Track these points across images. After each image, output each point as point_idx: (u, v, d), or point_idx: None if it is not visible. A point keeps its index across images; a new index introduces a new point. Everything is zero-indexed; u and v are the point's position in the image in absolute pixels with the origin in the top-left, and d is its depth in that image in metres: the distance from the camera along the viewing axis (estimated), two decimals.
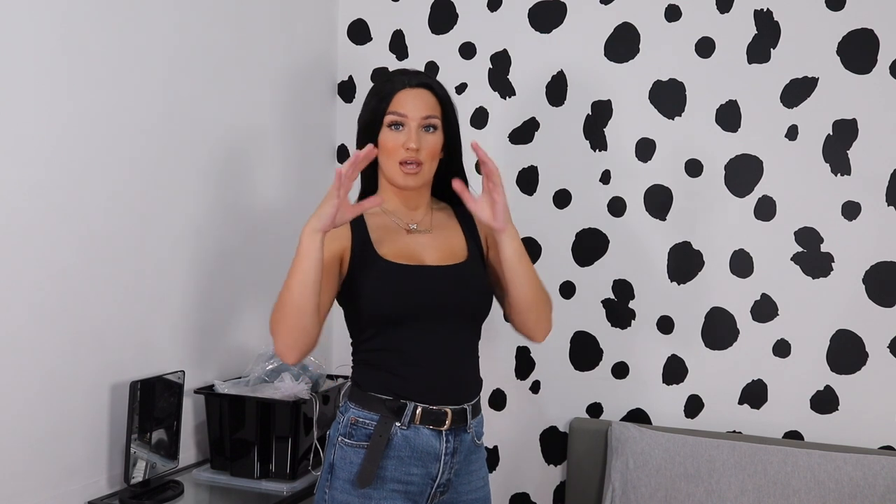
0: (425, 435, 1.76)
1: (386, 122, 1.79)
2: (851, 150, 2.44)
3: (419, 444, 1.76)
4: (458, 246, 1.87)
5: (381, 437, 1.73)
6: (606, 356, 2.69)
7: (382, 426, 1.74)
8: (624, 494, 2.44)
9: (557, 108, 2.72)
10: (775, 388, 2.53)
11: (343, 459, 1.76)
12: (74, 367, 1.99)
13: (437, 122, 1.82)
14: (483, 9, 2.79)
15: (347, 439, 1.77)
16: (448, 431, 1.78)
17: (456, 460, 1.81)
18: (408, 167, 1.78)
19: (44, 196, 1.90)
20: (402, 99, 1.80)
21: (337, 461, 1.76)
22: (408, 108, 1.79)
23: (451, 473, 1.81)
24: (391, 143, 1.79)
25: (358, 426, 1.76)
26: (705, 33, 2.56)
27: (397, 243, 1.81)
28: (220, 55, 2.43)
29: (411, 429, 1.75)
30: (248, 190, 2.58)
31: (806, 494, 2.31)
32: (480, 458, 1.90)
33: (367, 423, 1.76)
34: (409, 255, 1.80)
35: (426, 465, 1.77)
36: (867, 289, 2.44)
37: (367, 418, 1.76)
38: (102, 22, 2.03)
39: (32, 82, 1.86)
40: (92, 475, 2.06)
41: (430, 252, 1.83)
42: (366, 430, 1.75)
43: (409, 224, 1.85)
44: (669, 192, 2.61)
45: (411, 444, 1.75)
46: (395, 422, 1.75)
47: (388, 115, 1.79)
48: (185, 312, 2.34)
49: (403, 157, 1.78)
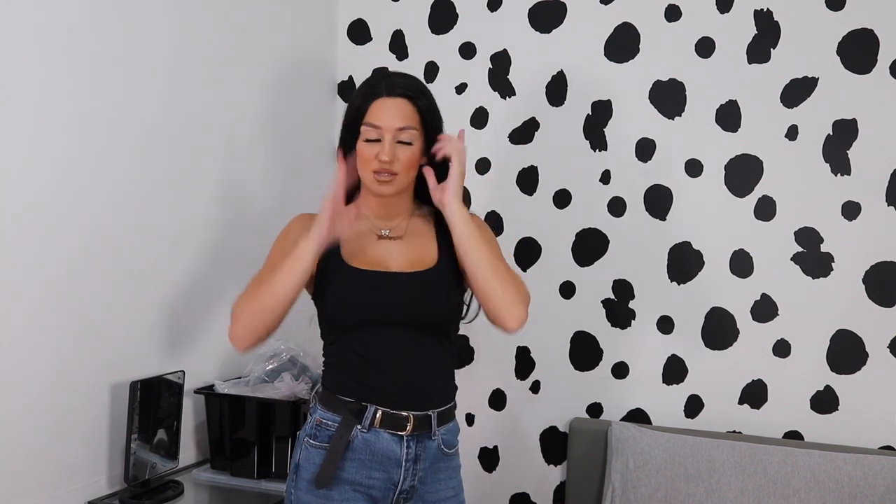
0: (385, 439, 1.75)
1: (362, 134, 1.78)
2: (851, 150, 2.44)
3: (379, 447, 1.75)
4: (429, 253, 1.84)
5: (341, 438, 1.74)
6: (606, 356, 2.69)
7: (343, 428, 1.75)
8: (624, 494, 2.44)
9: (557, 108, 2.72)
10: (775, 388, 2.53)
11: (307, 460, 1.78)
12: (74, 367, 1.99)
13: (414, 132, 1.79)
14: (483, 9, 2.79)
15: (312, 440, 1.78)
16: (409, 437, 1.76)
17: (420, 467, 1.78)
18: (381, 176, 1.77)
19: (44, 197, 1.90)
20: (378, 110, 1.78)
21: (302, 461, 1.78)
22: (383, 120, 1.77)
23: (414, 480, 1.78)
24: (366, 153, 1.78)
25: (322, 427, 1.78)
26: (705, 33, 2.56)
27: (364, 248, 1.81)
28: (221, 55, 2.43)
29: (371, 432, 1.75)
30: (248, 190, 2.58)
31: (806, 494, 2.31)
32: (451, 468, 1.86)
33: (330, 425, 1.77)
34: (374, 260, 1.80)
35: (387, 470, 1.76)
36: (867, 289, 2.44)
37: (330, 420, 1.77)
38: (103, 22, 2.02)
39: (32, 84, 1.86)
40: (92, 475, 2.06)
41: (396, 258, 1.82)
42: (328, 431, 1.77)
43: (381, 230, 1.84)
44: (669, 192, 2.61)
45: (371, 448, 1.75)
46: (357, 424, 1.75)
47: (363, 126, 1.78)
48: (185, 312, 2.34)
49: (377, 167, 1.77)
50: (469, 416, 2.83)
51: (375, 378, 1.76)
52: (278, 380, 2.34)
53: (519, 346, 2.77)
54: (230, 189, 2.48)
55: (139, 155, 2.16)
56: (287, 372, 2.37)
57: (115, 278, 2.10)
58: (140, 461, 2.09)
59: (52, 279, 1.92)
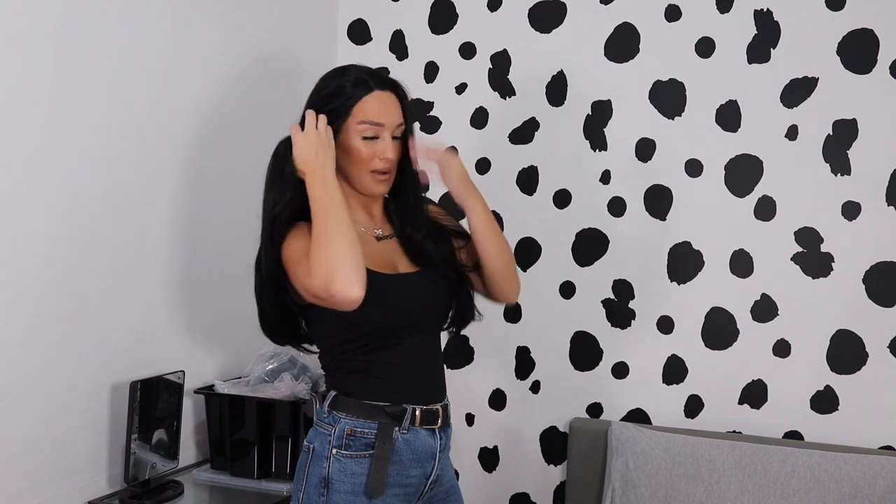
0: (423, 436, 1.77)
1: (359, 131, 1.73)
2: (851, 150, 2.44)
3: (418, 445, 1.76)
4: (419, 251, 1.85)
5: (385, 444, 1.71)
6: (606, 356, 2.69)
7: (384, 433, 1.72)
8: (624, 494, 2.44)
9: (557, 108, 2.72)
10: (775, 388, 2.53)
11: (342, 472, 1.71)
12: (74, 367, 1.99)
13: (404, 128, 1.79)
14: (483, 9, 2.79)
15: (345, 451, 1.71)
16: (441, 429, 1.80)
17: (444, 455, 1.83)
18: (381, 175, 1.76)
19: (44, 196, 1.90)
20: (377, 106, 1.73)
21: (334, 474, 1.70)
22: (384, 117, 1.73)
23: (440, 469, 1.82)
24: (365, 152, 1.73)
25: (356, 436, 1.72)
26: (705, 33, 2.55)
27: (371, 252, 1.78)
28: (220, 55, 2.43)
29: (411, 432, 1.75)
30: (248, 190, 2.57)
31: (806, 494, 2.31)
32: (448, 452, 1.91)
33: (366, 433, 1.72)
34: (384, 263, 1.78)
35: (423, 466, 1.77)
36: (867, 289, 2.44)
37: (365, 427, 1.72)
38: (101, 21, 2.03)
39: (31, 84, 1.86)
40: (92, 475, 2.06)
41: (400, 258, 1.82)
42: (365, 439, 1.72)
43: (375, 230, 1.83)
44: (669, 192, 2.61)
45: (412, 447, 1.75)
46: (395, 427, 1.73)
47: (360, 124, 1.73)
48: (185, 312, 2.34)
49: (378, 166, 1.74)
50: (469, 416, 2.83)
51: (409, 377, 1.76)
52: (278, 380, 2.34)
53: (519, 346, 2.77)
54: (230, 189, 2.48)
55: (139, 155, 2.16)
56: (287, 372, 2.37)
57: (115, 278, 2.10)
58: (140, 461, 2.09)
59: (51, 279, 1.92)
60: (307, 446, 1.77)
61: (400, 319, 1.75)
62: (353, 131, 1.74)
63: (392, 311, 1.73)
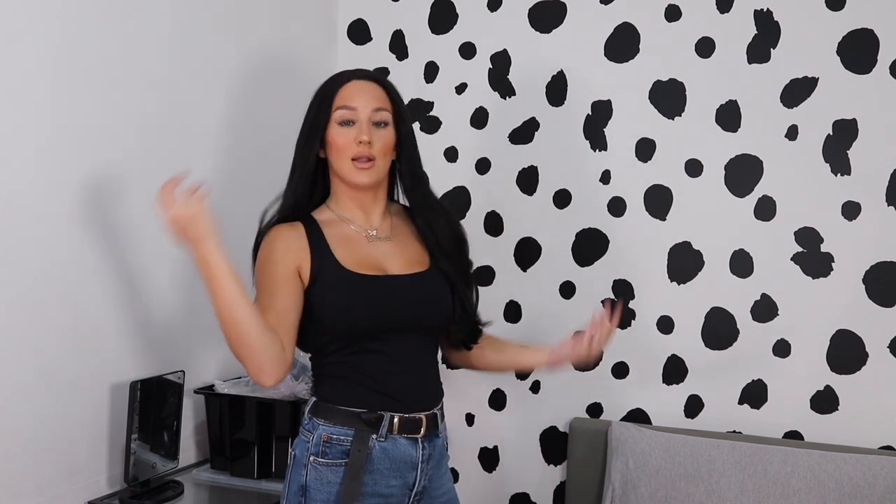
0: (402, 445, 1.73)
1: (335, 119, 1.72)
2: (851, 150, 2.44)
3: (397, 455, 1.72)
4: (418, 253, 1.82)
5: (361, 451, 1.68)
6: (606, 356, 2.68)
7: (360, 441, 1.68)
8: (624, 494, 2.44)
9: (557, 108, 2.72)
10: (775, 388, 2.53)
11: (318, 480, 1.69)
12: (74, 367, 1.99)
13: (388, 115, 1.76)
14: (483, 9, 2.79)
15: (321, 458, 1.69)
16: (424, 439, 1.75)
17: (430, 466, 1.78)
18: (361, 163, 1.72)
19: (43, 196, 1.90)
20: (351, 91, 1.73)
21: (311, 483, 1.69)
22: (357, 101, 1.72)
23: (426, 480, 1.77)
24: (342, 139, 1.72)
25: (332, 444, 1.70)
26: (705, 33, 2.55)
27: (359, 253, 1.75)
28: (220, 55, 2.43)
29: (389, 440, 1.71)
30: (248, 190, 2.58)
31: (806, 494, 2.31)
32: (446, 460, 1.87)
33: (342, 440, 1.69)
34: (372, 264, 1.75)
35: (404, 476, 1.73)
36: (867, 289, 2.44)
37: (341, 434, 1.70)
38: (101, 20, 2.03)
39: (31, 85, 1.86)
40: (92, 475, 2.06)
41: (392, 260, 1.78)
42: (341, 446, 1.69)
43: (368, 231, 1.80)
44: (669, 192, 2.61)
45: (390, 456, 1.71)
46: (372, 434, 1.70)
47: (336, 111, 1.72)
48: (185, 312, 2.34)
49: (356, 152, 1.71)
50: (469, 416, 2.83)
51: (389, 384, 1.72)
52: None
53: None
54: (230, 189, 2.48)
55: (139, 154, 2.16)
56: None
57: (115, 278, 2.10)
58: (140, 461, 2.09)
59: (51, 279, 1.92)
60: (290, 453, 1.77)
61: (381, 322, 1.71)
62: (333, 122, 1.74)
63: (371, 313, 1.70)
